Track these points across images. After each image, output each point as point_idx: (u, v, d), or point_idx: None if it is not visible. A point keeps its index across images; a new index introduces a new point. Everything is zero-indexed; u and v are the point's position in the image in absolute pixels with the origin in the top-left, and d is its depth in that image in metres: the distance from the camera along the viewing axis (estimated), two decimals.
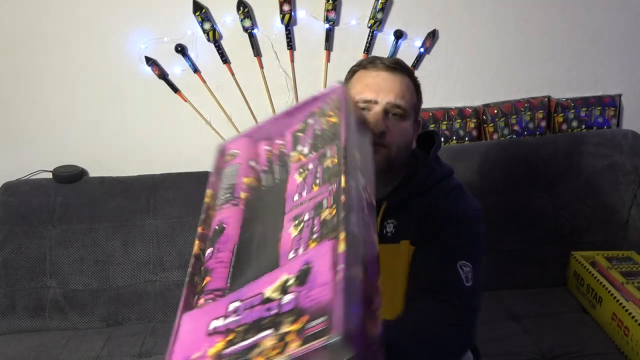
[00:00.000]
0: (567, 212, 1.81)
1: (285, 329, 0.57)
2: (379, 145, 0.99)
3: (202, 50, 1.86)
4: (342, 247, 0.61)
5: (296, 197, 0.76)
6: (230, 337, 0.59)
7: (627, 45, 2.02)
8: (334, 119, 0.80)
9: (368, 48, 1.89)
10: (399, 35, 1.88)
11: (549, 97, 2.03)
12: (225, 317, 0.62)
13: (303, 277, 0.62)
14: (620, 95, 2.06)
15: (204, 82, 1.88)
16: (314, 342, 0.54)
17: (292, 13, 1.83)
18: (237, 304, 0.63)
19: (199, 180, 1.83)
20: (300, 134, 0.86)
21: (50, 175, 1.85)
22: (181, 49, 1.83)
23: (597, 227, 1.83)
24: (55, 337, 1.66)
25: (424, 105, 1.95)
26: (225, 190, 0.82)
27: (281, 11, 1.81)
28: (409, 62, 1.91)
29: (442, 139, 1.98)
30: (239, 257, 0.72)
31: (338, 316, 0.54)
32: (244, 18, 1.81)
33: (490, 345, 1.44)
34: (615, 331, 1.51)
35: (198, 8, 1.79)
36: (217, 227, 0.76)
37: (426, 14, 1.90)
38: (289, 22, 1.83)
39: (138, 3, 1.80)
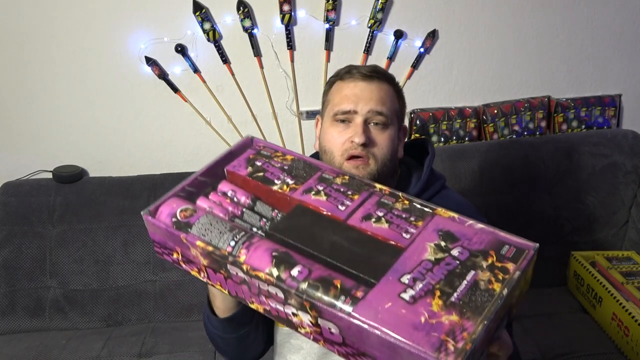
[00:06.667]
0: (567, 212, 1.81)
1: (485, 263, 0.63)
2: (362, 158, 0.97)
3: (202, 50, 1.85)
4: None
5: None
6: (437, 293, 0.59)
7: (627, 45, 2.02)
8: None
9: (368, 48, 1.89)
10: (399, 35, 1.88)
11: (549, 97, 2.03)
12: (410, 287, 0.60)
13: (450, 236, 0.67)
14: (620, 95, 2.06)
15: (204, 82, 1.88)
16: (522, 259, 0.63)
17: (292, 13, 1.83)
18: (407, 276, 0.61)
19: None
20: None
21: (50, 175, 1.85)
22: (181, 49, 1.83)
23: (597, 227, 1.83)
24: (55, 337, 1.66)
25: (423, 105, 1.99)
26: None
27: (281, 11, 1.81)
28: (409, 62, 1.94)
29: (442, 139, 1.98)
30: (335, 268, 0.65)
31: (517, 241, 0.66)
32: (244, 18, 1.81)
33: None
34: (615, 331, 1.51)
35: (198, 8, 1.79)
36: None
37: (426, 14, 1.90)
38: (289, 22, 1.83)
39: (138, 3, 1.80)
